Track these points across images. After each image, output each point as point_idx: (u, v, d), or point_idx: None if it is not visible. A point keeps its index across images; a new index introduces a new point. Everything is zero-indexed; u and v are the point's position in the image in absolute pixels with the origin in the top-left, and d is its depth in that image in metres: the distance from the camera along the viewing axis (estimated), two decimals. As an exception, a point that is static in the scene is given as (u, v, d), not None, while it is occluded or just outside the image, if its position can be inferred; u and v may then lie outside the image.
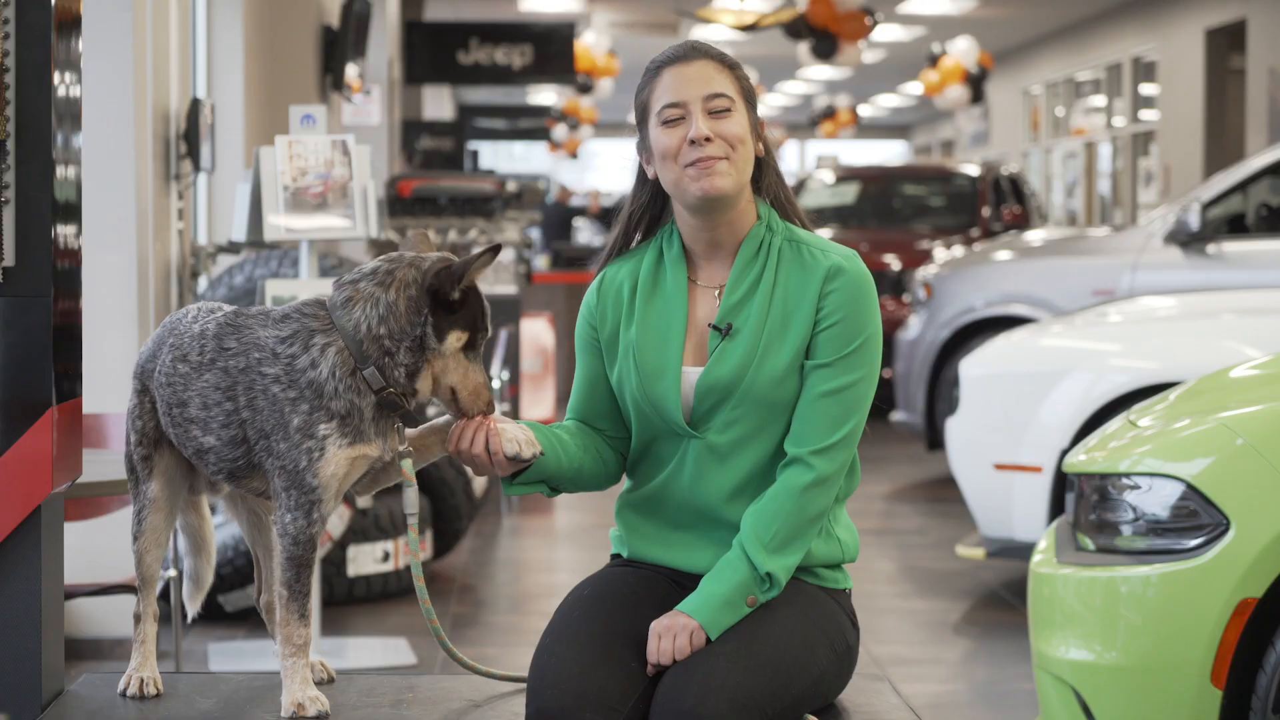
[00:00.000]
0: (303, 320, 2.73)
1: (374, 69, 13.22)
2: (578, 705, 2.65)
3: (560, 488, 2.92)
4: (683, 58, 2.85)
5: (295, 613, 2.77)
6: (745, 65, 2.94)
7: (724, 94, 2.82)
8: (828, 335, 2.80)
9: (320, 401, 2.69)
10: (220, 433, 2.76)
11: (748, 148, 2.84)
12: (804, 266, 2.83)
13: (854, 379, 2.80)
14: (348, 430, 2.70)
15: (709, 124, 2.80)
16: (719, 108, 2.82)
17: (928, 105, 28.39)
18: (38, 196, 2.96)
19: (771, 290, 2.83)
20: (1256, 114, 16.03)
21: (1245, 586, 3.46)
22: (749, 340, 2.81)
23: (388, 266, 2.74)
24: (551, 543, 8.15)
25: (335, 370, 2.69)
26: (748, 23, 15.42)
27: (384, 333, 2.70)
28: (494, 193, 9.65)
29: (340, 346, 2.71)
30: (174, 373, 2.82)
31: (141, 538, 2.92)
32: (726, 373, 2.81)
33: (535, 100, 30.06)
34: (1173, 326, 6.46)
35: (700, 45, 2.87)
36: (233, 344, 2.76)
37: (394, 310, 2.70)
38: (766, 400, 2.80)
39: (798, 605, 2.79)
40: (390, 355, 2.71)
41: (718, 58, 2.86)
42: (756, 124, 2.88)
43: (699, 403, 2.83)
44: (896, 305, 12.29)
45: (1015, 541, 6.23)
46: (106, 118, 5.78)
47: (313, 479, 2.70)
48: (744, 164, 2.83)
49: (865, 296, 2.82)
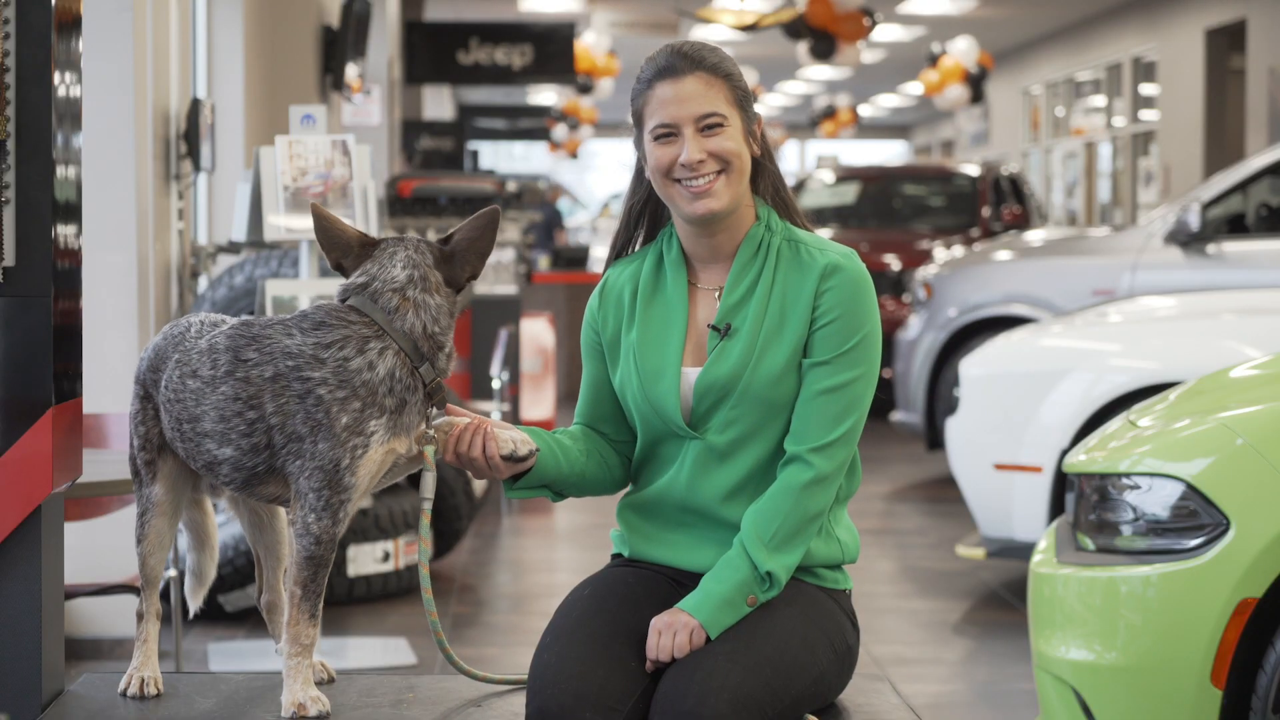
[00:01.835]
0: (349, 328, 2.78)
1: (374, 69, 13.23)
2: (578, 704, 2.65)
3: (564, 492, 2.93)
4: (674, 72, 2.82)
5: (306, 612, 2.78)
6: (745, 65, 2.94)
7: (715, 112, 2.81)
8: (825, 333, 2.80)
9: (374, 399, 2.75)
10: (240, 443, 2.78)
11: (743, 159, 2.83)
12: (801, 265, 2.83)
13: (852, 376, 2.80)
14: (392, 425, 2.77)
15: (701, 143, 2.81)
16: (711, 124, 2.81)
17: (928, 105, 28.40)
18: (38, 196, 2.96)
19: (770, 290, 2.83)
20: (1256, 114, 16.03)
21: (1245, 586, 3.46)
22: (747, 339, 2.82)
23: (419, 274, 2.82)
24: (551, 543, 8.15)
25: (395, 371, 2.77)
26: (748, 23, 15.42)
27: (437, 330, 2.82)
28: (494, 193, 9.66)
29: (397, 349, 2.78)
30: (183, 389, 2.82)
31: (145, 540, 2.94)
32: (724, 372, 2.81)
33: (535, 100, 30.07)
34: (1173, 326, 6.46)
35: (692, 54, 2.83)
36: (253, 355, 2.78)
37: (441, 310, 2.83)
38: (764, 399, 2.81)
39: (798, 605, 2.80)
40: (441, 347, 2.82)
41: (710, 68, 2.83)
42: (752, 126, 2.87)
43: (698, 403, 2.83)
44: (896, 305, 12.29)
45: (1015, 541, 6.23)
46: (106, 118, 5.78)
47: (350, 478, 2.74)
48: (739, 176, 2.84)
49: (863, 294, 2.82)
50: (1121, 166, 20.47)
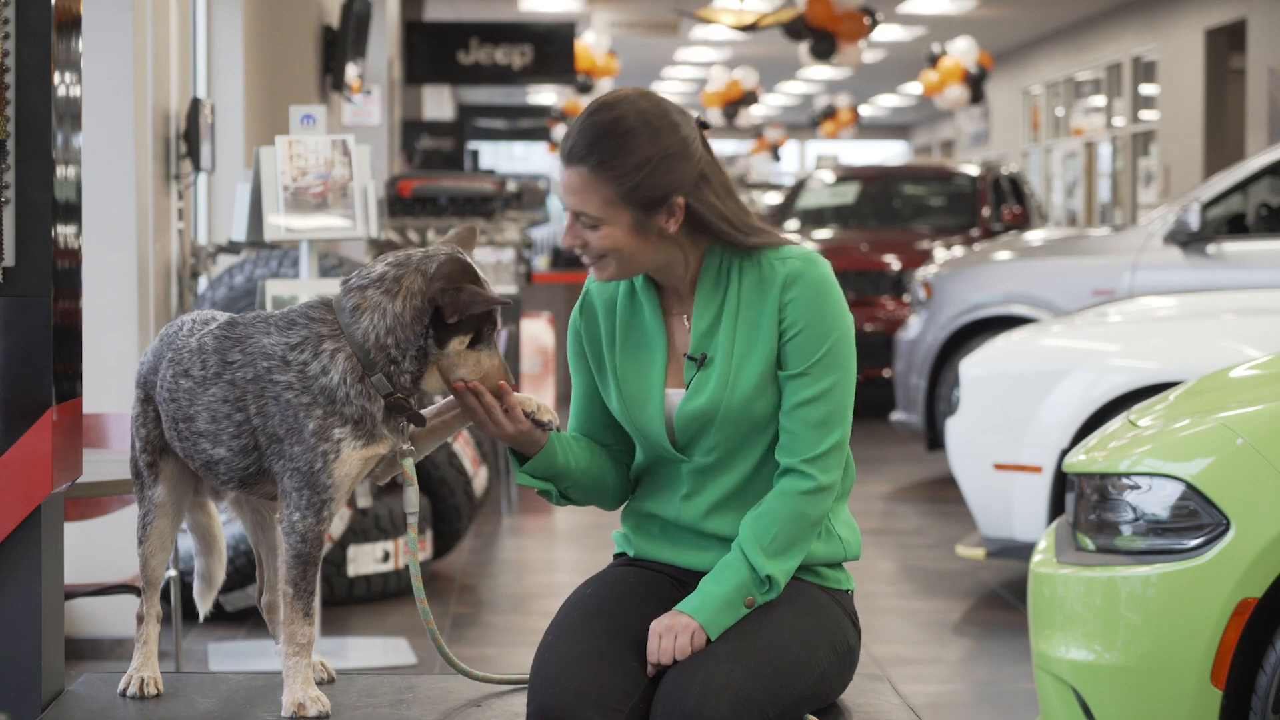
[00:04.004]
0: (311, 326, 2.74)
1: (374, 69, 13.22)
2: (579, 703, 2.65)
3: (568, 493, 2.92)
4: (565, 157, 2.75)
5: (300, 611, 2.78)
6: (745, 65, 2.91)
7: (585, 213, 2.73)
8: (795, 344, 2.77)
9: (334, 407, 2.71)
10: (231, 444, 2.78)
11: (624, 251, 2.75)
12: (763, 280, 2.79)
13: (830, 383, 2.78)
14: (361, 433, 2.73)
15: (578, 232, 2.76)
16: (586, 224, 2.75)
17: (928, 105, 28.40)
18: (38, 196, 2.96)
19: (736, 312, 2.80)
20: (1256, 114, 16.03)
21: (1245, 586, 3.46)
22: (721, 367, 2.80)
23: (395, 273, 2.74)
24: (551, 543, 8.15)
25: (346, 376, 2.71)
26: (747, 23, 15.43)
27: (390, 343, 2.72)
28: (494, 193, 9.66)
29: (349, 353, 2.72)
30: (177, 388, 2.83)
31: (147, 541, 2.94)
32: (703, 403, 2.81)
33: (535, 100, 30.08)
34: (1173, 326, 6.45)
35: (585, 145, 2.72)
36: (237, 356, 2.77)
37: (400, 321, 2.72)
38: (744, 420, 2.80)
39: (798, 605, 2.80)
40: (396, 364, 2.73)
41: (595, 165, 2.71)
42: (652, 218, 2.73)
43: (680, 432, 2.83)
44: (896, 305, 12.29)
45: (1015, 541, 6.23)
46: (106, 118, 5.78)
47: (326, 479, 2.73)
48: (626, 264, 2.77)
49: (826, 298, 2.78)
50: (1121, 166, 20.47)
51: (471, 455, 7.06)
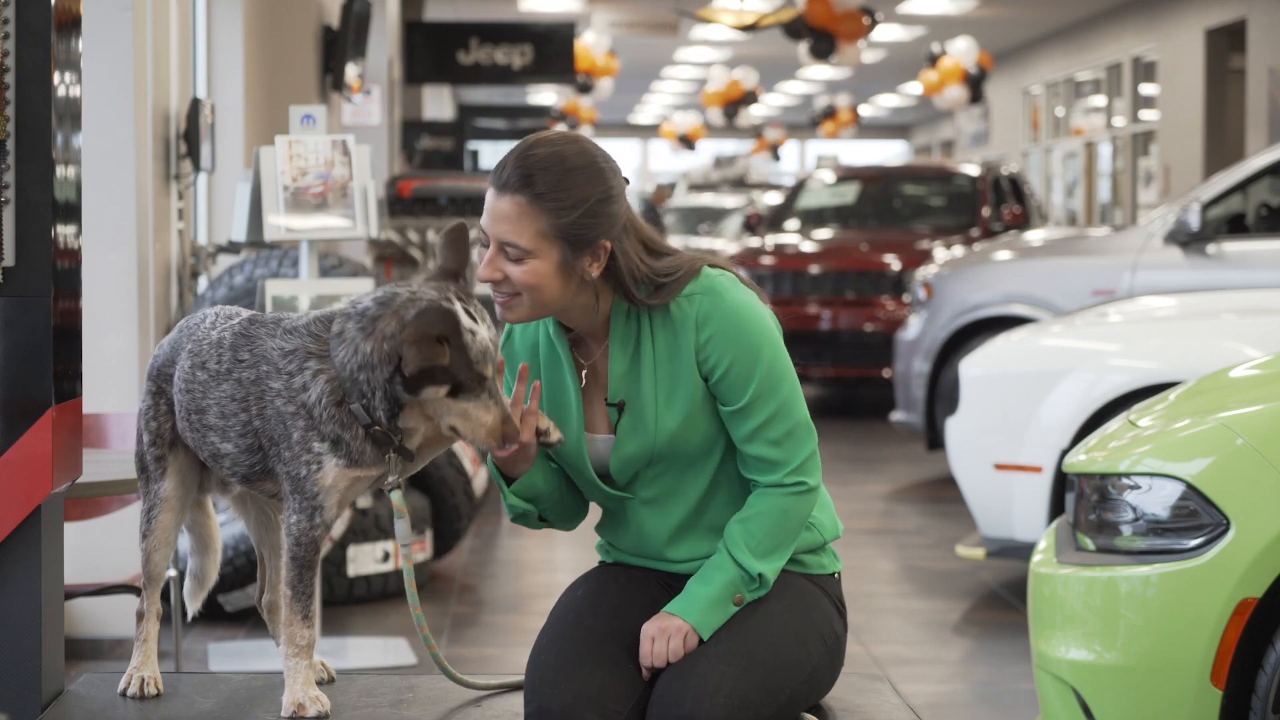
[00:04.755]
0: (304, 340, 2.74)
1: (374, 69, 13.22)
2: (578, 704, 2.66)
3: (545, 514, 2.93)
4: (500, 184, 2.71)
5: (299, 613, 2.78)
6: (745, 65, 2.90)
7: (515, 244, 2.69)
8: (728, 382, 2.75)
9: (313, 423, 2.71)
10: (238, 441, 2.79)
11: (542, 291, 2.71)
12: (673, 323, 2.76)
13: (778, 402, 2.76)
14: (341, 454, 2.71)
15: (499, 263, 2.71)
16: (511, 256, 2.70)
17: (928, 105, 28.41)
18: (38, 196, 2.96)
19: (653, 355, 2.78)
20: (1256, 114, 16.03)
21: (1245, 586, 3.46)
22: (645, 410, 2.78)
23: (376, 311, 2.69)
24: (551, 543, 8.15)
25: (322, 399, 2.70)
26: (747, 23, 15.43)
27: (362, 379, 2.68)
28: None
29: (331, 376, 2.71)
30: (193, 379, 2.83)
31: (151, 536, 2.94)
32: (633, 449, 2.81)
33: (535, 100, 30.09)
34: (1173, 326, 6.45)
35: (527, 172, 2.69)
36: (245, 355, 2.79)
37: (369, 361, 2.67)
38: (680, 452, 2.80)
39: (786, 599, 2.80)
40: (367, 399, 2.69)
41: (536, 196, 2.68)
42: (579, 261, 2.71)
43: (619, 474, 2.83)
44: (896, 305, 12.29)
45: (1015, 541, 6.23)
46: (106, 118, 5.78)
47: (313, 487, 2.74)
48: (540, 305, 2.73)
49: (743, 326, 2.74)
50: (1121, 166, 20.48)
51: (471, 455, 7.06)
